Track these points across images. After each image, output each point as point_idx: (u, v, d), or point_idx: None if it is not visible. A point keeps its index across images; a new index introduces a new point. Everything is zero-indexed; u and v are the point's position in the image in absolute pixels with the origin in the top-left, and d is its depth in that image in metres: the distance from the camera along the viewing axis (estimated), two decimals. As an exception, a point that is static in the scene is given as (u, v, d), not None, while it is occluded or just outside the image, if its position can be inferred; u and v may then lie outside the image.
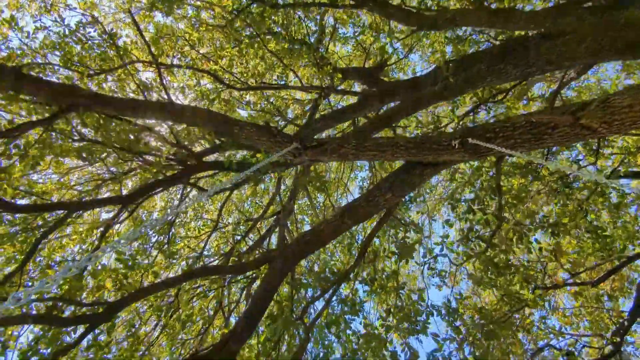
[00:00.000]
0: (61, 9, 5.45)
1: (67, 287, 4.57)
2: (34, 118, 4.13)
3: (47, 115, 4.02)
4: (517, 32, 4.92)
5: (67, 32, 5.34)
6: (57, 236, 5.76)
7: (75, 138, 5.02)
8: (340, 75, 6.67)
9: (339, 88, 7.38)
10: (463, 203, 4.72)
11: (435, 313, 5.17)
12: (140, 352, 4.75)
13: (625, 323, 5.47)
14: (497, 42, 4.93)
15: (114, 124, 4.95)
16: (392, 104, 6.19)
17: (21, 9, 5.58)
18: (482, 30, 5.62)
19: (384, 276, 5.13)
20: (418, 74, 9.64)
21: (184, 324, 5.17)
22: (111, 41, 5.53)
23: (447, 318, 5.23)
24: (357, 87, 9.11)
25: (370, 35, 6.84)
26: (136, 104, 4.17)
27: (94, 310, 4.47)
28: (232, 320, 6.62)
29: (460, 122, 6.41)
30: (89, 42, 5.52)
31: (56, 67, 5.16)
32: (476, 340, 5.10)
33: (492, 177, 4.54)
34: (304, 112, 8.99)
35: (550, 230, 4.88)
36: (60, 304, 4.26)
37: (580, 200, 5.69)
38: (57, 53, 5.33)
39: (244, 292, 6.75)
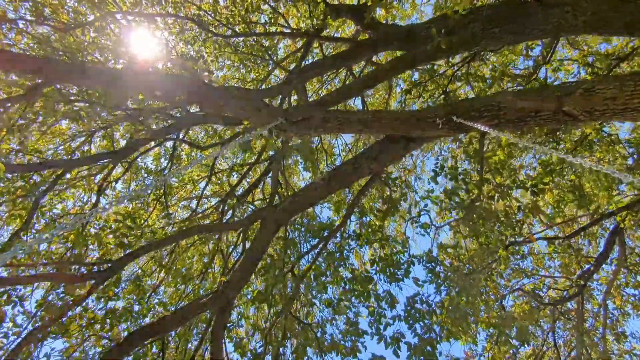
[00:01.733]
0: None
1: (70, 243, 4.90)
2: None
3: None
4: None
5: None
6: (55, 191, 5.95)
7: (60, 100, 4.94)
8: (331, 22, 6.29)
9: (331, 33, 6.99)
10: (446, 170, 4.83)
11: (416, 262, 5.60)
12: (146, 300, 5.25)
13: (591, 268, 5.97)
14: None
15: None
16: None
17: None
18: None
19: (369, 230, 5.44)
20: (418, 2, 9.06)
21: (183, 278, 5.62)
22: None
23: (427, 265, 5.68)
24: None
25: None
26: (116, 77, 4.06)
27: (99, 267, 4.86)
28: (232, 259, 7.14)
29: (455, 72, 6.26)
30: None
31: (28, 24, 4.87)
32: (453, 284, 5.61)
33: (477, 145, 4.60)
34: (295, 49, 8.60)
35: (530, 189, 5.07)
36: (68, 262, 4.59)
37: (566, 153, 5.80)
38: (28, 5, 4.99)
39: (241, 235, 7.15)
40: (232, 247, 7.16)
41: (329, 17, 6.88)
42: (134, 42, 5.60)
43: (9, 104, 3.80)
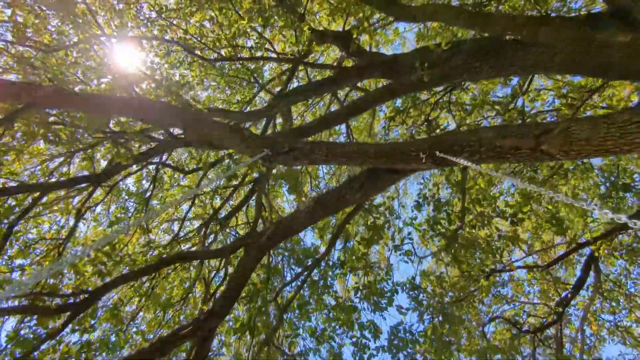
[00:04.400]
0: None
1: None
2: None
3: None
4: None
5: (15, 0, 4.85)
6: (31, 214, 5.75)
7: (38, 122, 4.83)
8: (316, 47, 6.39)
9: (316, 58, 7.09)
10: (429, 199, 4.91)
11: (400, 290, 5.62)
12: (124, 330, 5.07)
13: (569, 295, 6.09)
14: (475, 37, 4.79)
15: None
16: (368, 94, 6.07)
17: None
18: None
19: (354, 258, 5.44)
20: (401, 30, 9.30)
21: (163, 305, 5.47)
22: (68, 10, 5.09)
23: (410, 293, 5.70)
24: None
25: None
26: (100, 100, 4.02)
27: (75, 298, 4.70)
28: (214, 284, 6.99)
29: (438, 100, 6.41)
30: (44, 10, 5.07)
31: (10, 45, 4.78)
32: (436, 312, 5.63)
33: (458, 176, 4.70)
34: (281, 72, 8.67)
35: (509, 219, 5.19)
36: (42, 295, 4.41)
37: (543, 181, 5.99)
38: (7, 23, 4.91)
39: (224, 260, 7.04)
40: (215, 272, 7.03)
41: (314, 42, 7.01)
42: (119, 64, 5.55)
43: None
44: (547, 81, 7.49)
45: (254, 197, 7.87)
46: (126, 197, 7.05)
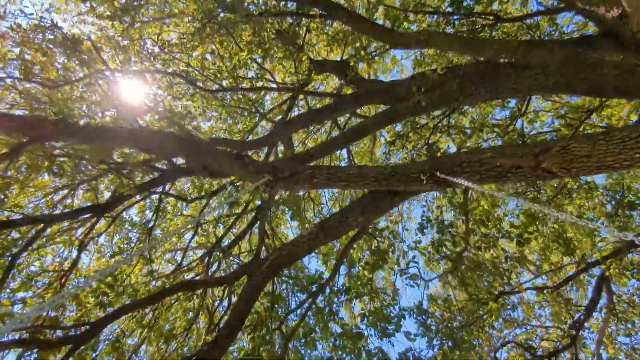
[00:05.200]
0: (17, 15, 5.10)
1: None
2: None
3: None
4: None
5: (25, 40, 5.05)
6: (34, 246, 5.75)
7: (43, 155, 4.90)
8: (315, 77, 6.55)
9: (315, 85, 7.24)
10: (433, 222, 4.88)
11: (407, 315, 5.48)
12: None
13: (582, 317, 5.93)
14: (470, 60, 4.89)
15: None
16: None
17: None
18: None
19: (358, 283, 5.35)
20: (398, 58, 9.53)
21: (166, 337, 5.37)
22: (73, 46, 5.27)
23: (418, 318, 5.56)
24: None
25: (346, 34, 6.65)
26: (103, 133, 4.09)
27: (77, 330, 4.62)
28: (218, 313, 6.87)
29: (437, 124, 6.47)
30: (50, 48, 5.25)
31: (17, 81, 4.93)
32: (445, 337, 5.47)
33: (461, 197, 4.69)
34: (281, 102, 8.83)
35: (515, 240, 5.12)
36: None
37: (548, 200, 5.95)
38: (15, 62, 5.07)
39: (227, 289, 6.95)
40: (218, 300, 6.93)
41: (313, 72, 7.18)
42: (123, 97, 5.69)
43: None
44: (545, 102, 7.58)
45: (256, 225, 7.85)
46: (129, 227, 7.05)
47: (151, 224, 6.43)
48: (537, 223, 5.37)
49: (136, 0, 5.07)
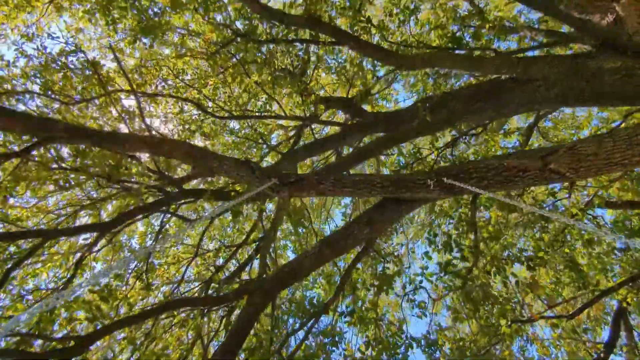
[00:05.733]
0: (44, 38, 5.45)
1: (35, 320, 4.44)
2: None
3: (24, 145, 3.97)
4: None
5: (48, 61, 5.33)
6: (30, 262, 5.60)
7: (53, 166, 4.95)
8: (322, 108, 6.77)
9: (322, 118, 7.47)
10: (440, 236, 4.78)
11: (414, 345, 5.16)
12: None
13: (602, 355, 5.55)
14: (473, 81, 5.10)
15: (93, 151, 4.95)
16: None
17: (2, 36, 5.56)
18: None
19: (363, 308, 5.11)
20: (400, 103, 9.91)
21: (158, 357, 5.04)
22: (93, 69, 5.53)
23: (426, 350, 5.22)
24: (341, 114, 9.23)
25: (353, 66, 6.98)
26: (115, 137, 4.17)
27: (65, 344, 4.35)
28: (212, 348, 6.48)
29: (440, 154, 6.55)
30: (71, 70, 5.52)
31: (35, 96, 5.13)
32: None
33: (468, 211, 4.63)
34: (287, 137, 9.06)
35: (526, 263, 4.96)
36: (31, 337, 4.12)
37: (556, 232, 5.83)
38: (38, 81, 5.31)
39: (223, 320, 6.62)
40: (214, 333, 6.57)
41: (320, 105, 7.44)
42: (135, 119, 5.85)
43: (2, 160, 3.80)
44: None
45: (257, 257, 7.68)
46: (129, 254, 6.90)
47: (151, 247, 6.29)
48: (548, 249, 5.25)
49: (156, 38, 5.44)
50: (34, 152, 4.08)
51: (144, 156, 6.14)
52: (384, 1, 7.03)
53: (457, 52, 5.77)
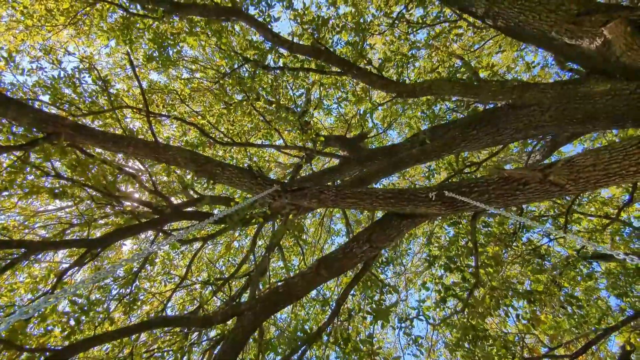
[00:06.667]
0: (60, 54, 5.67)
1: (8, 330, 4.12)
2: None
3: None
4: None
5: (62, 75, 5.50)
6: (8, 277, 5.31)
7: (51, 174, 4.90)
8: (322, 139, 6.95)
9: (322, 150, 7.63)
10: (440, 261, 4.68)
11: (410, 384, 4.82)
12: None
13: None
14: (469, 112, 5.33)
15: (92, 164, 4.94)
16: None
17: (21, 50, 5.78)
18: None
19: (357, 339, 4.83)
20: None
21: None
22: (104, 86, 5.70)
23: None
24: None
25: (352, 104, 7.28)
26: (119, 138, 4.20)
27: (38, 356, 4.00)
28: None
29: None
30: (82, 85, 5.68)
31: (44, 106, 5.22)
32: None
33: (468, 238, 4.59)
34: (285, 175, 9.16)
35: (525, 297, 4.84)
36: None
37: (553, 274, 5.76)
38: (48, 93, 5.44)
39: (206, 354, 6.18)
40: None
41: (318, 142, 7.63)
42: (138, 137, 5.92)
43: (5, 154, 3.77)
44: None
45: (248, 289, 7.37)
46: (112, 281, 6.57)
47: (135, 269, 6.03)
48: (546, 282, 5.16)
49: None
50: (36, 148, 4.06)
51: (143, 177, 6.15)
52: (383, 49, 7.55)
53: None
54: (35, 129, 4.01)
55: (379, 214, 6.23)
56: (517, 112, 4.29)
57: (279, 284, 4.74)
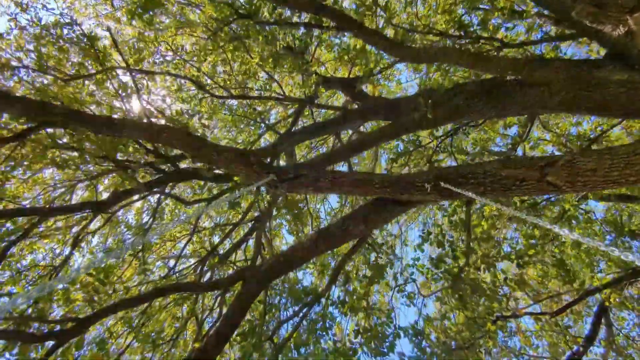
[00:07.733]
0: (38, 9, 5.23)
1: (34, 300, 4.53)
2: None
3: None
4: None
5: (43, 34, 5.15)
6: (27, 243, 5.65)
7: (50, 145, 4.90)
8: (315, 79, 6.63)
9: (322, 99, 7.35)
10: (434, 235, 4.84)
11: (402, 334, 5.34)
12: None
13: (580, 349, 5.78)
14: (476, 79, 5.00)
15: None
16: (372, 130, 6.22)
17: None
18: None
19: (354, 298, 5.24)
20: (403, 84, 9.74)
21: (153, 342, 5.19)
22: (90, 44, 5.37)
23: (413, 339, 5.41)
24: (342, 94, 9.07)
25: (356, 50, 6.81)
26: (113, 123, 4.10)
27: (63, 326, 4.47)
28: (206, 324, 6.67)
29: (439, 144, 6.53)
30: (66, 44, 5.34)
31: (30, 71, 5.00)
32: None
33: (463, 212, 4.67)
34: (286, 116, 8.94)
35: (516, 261, 5.06)
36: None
37: (547, 230, 5.92)
38: (33, 55, 5.15)
39: (218, 299, 6.78)
40: (208, 311, 6.75)
41: (320, 86, 7.29)
42: (132, 97, 5.74)
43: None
44: (546, 134, 7.68)
45: (253, 236, 7.77)
46: (125, 229, 6.95)
47: (147, 226, 6.35)
48: (538, 247, 5.34)
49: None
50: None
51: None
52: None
53: (462, 41, 5.64)
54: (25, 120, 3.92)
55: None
56: (525, 90, 4.02)
57: (281, 252, 5.01)
